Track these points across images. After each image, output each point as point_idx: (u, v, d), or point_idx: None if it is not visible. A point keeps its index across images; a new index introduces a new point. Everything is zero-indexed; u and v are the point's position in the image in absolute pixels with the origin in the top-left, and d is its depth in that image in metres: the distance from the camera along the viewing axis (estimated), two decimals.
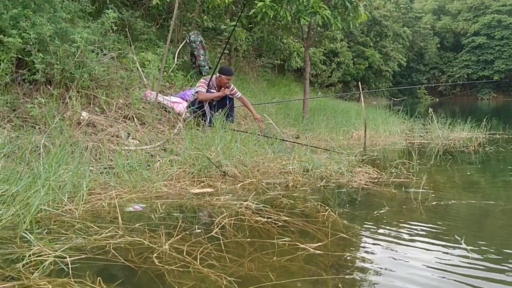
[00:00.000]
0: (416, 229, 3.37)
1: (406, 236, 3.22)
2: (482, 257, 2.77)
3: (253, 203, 3.68)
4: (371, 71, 37.21)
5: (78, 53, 5.33)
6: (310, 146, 6.13)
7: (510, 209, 4.00)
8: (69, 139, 4.42)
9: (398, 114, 12.63)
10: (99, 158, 4.53)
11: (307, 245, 2.83)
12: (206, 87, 6.62)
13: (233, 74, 7.05)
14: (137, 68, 6.90)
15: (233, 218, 3.29)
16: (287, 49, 16.48)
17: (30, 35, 4.93)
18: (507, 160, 6.83)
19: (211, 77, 6.78)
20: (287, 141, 6.56)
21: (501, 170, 6.17)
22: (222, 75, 6.68)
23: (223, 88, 6.70)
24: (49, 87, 5.21)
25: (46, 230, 2.86)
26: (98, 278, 2.24)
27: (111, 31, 6.27)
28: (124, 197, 3.74)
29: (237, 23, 9.01)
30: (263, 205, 3.68)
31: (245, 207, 3.60)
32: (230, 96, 6.67)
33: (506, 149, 7.72)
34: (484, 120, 9.72)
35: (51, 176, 3.44)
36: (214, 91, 6.69)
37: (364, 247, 2.98)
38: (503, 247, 3.04)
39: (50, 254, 2.44)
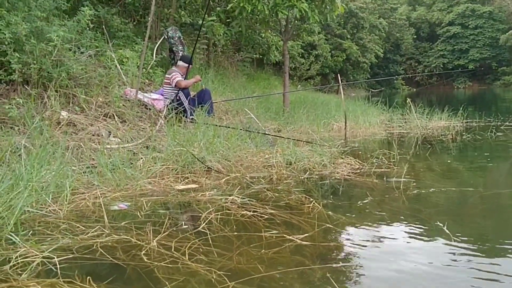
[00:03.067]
0: (399, 218, 3.44)
1: (390, 225, 3.29)
2: (464, 242, 2.84)
3: (238, 197, 3.70)
4: (349, 63, 37.44)
5: (55, 52, 5.25)
6: (292, 139, 6.17)
7: (488, 195, 4.10)
8: (49, 139, 4.37)
9: (376, 105, 12.77)
10: (81, 158, 4.49)
11: (294, 237, 2.86)
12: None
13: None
14: (116, 65, 6.84)
15: (219, 213, 3.31)
16: (265, 43, 16.48)
17: (5, 34, 4.85)
18: (484, 148, 6.97)
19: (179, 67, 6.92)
20: (269, 135, 6.59)
21: (478, 157, 6.30)
22: (190, 65, 7.03)
23: (196, 75, 7.23)
24: (26, 87, 5.13)
25: (31, 231, 2.84)
26: (88, 277, 2.23)
27: (87, 28, 6.20)
28: (108, 196, 3.72)
29: (211, 18, 9.00)
30: (248, 199, 3.70)
31: (230, 202, 3.62)
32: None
33: (482, 137, 7.88)
34: (461, 108, 9.90)
35: (33, 177, 3.40)
36: None
37: (349, 237, 3.03)
38: (483, 232, 3.13)
39: (37, 255, 2.43)
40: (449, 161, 5.98)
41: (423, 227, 3.20)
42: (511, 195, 4.23)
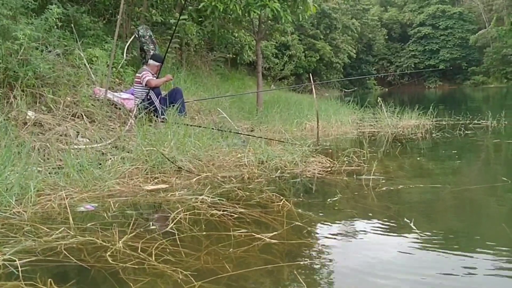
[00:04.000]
0: (368, 215, 3.47)
1: (358, 222, 3.31)
2: (430, 238, 2.88)
3: (209, 196, 3.68)
4: (322, 63, 37.72)
5: (22, 50, 5.13)
6: (265, 138, 6.17)
7: (456, 192, 4.17)
8: (15, 139, 4.26)
9: (349, 104, 12.87)
10: (48, 158, 4.39)
11: (263, 235, 2.85)
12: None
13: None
14: (85, 64, 6.72)
15: (188, 213, 3.27)
16: (238, 42, 16.49)
17: None
18: (453, 146, 7.10)
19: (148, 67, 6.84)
20: (241, 134, 6.57)
21: (447, 155, 6.41)
22: (161, 64, 6.93)
23: (167, 75, 7.19)
24: None
25: None
26: (49, 279, 2.17)
27: (55, 27, 6.07)
28: (75, 197, 3.64)
29: (183, 16, 8.96)
30: (218, 198, 3.67)
31: (200, 201, 3.58)
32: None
33: (451, 135, 8.02)
34: (431, 107, 10.06)
35: None
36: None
37: (318, 234, 3.04)
38: (450, 227, 3.19)
39: None
40: (418, 158, 6.07)
41: (391, 223, 3.24)
42: (478, 191, 4.32)
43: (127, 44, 8.55)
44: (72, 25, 7.49)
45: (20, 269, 2.27)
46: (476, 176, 5.27)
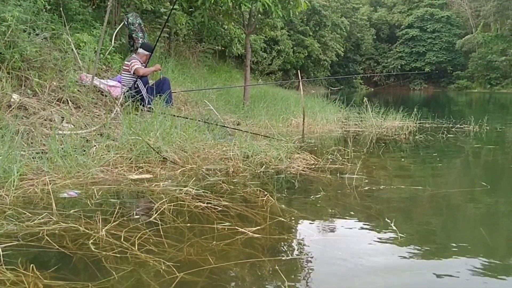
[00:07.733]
0: (350, 213, 3.51)
1: (340, 219, 3.35)
2: (410, 238, 2.94)
3: (193, 188, 3.69)
4: (310, 60, 37.85)
5: (9, 32, 5.06)
6: (251, 132, 6.19)
7: (436, 194, 4.24)
8: None
9: (335, 103, 12.93)
10: (31, 143, 4.35)
11: (246, 229, 2.88)
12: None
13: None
14: (72, 49, 6.65)
15: (172, 204, 3.28)
16: (228, 35, 16.42)
17: None
18: (435, 148, 7.20)
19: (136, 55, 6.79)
20: (227, 127, 6.58)
21: (429, 157, 6.50)
22: (151, 53, 6.89)
23: (156, 64, 7.15)
24: None
25: None
26: (31, 265, 2.17)
27: (44, 10, 6.00)
28: (58, 183, 3.62)
29: (174, 6, 8.90)
30: (203, 190, 3.69)
31: (184, 193, 3.60)
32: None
33: (434, 138, 8.13)
34: (415, 109, 10.17)
35: None
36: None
37: (301, 230, 3.07)
38: (430, 230, 3.25)
39: None
40: (401, 159, 6.14)
41: (372, 223, 3.29)
42: (458, 195, 4.39)
43: (116, 31, 8.47)
44: (60, 9, 7.39)
45: (1, 253, 2.26)
46: (456, 179, 5.35)
